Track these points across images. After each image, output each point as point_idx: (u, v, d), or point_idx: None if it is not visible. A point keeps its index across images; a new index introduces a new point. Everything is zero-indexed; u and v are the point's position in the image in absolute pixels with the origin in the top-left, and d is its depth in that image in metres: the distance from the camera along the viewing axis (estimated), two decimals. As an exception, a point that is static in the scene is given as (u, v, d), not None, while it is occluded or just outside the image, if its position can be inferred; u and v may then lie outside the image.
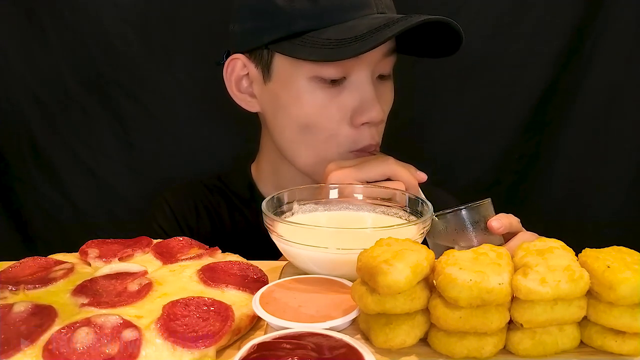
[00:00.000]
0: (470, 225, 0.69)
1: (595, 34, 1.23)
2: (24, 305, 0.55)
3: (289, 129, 0.87)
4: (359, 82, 0.83)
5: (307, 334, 0.48)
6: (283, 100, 0.86)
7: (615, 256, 0.49)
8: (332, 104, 0.83)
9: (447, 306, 0.47)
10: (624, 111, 1.27)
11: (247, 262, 0.67)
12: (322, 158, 0.84)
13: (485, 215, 0.70)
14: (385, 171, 0.76)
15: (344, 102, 0.83)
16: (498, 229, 0.69)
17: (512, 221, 0.71)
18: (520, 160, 1.31)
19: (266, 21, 0.83)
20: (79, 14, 1.18)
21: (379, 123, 0.86)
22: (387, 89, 0.90)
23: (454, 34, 0.80)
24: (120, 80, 1.23)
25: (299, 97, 0.84)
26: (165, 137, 1.26)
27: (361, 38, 0.76)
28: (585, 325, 0.49)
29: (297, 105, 0.84)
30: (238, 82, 0.91)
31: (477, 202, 0.70)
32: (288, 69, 0.84)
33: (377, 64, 0.85)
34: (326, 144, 0.85)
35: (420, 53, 0.91)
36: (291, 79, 0.84)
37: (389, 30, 0.75)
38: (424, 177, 0.78)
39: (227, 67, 0.90)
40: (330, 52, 0.77)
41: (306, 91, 0.83)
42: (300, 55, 0.80)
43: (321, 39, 0.79)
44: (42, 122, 1.24)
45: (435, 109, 1.29)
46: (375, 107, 0.83)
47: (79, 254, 0.69)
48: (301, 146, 0.87)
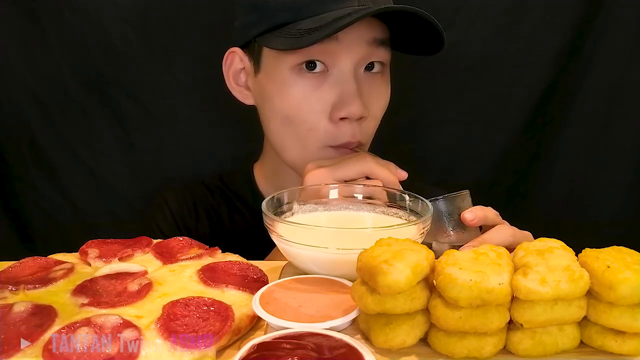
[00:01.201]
0: (445, 215, 0.69)
1: (595, 34, 1.23)
2: (24, 305, 0.55)
3: (274, 121, 0.87)
4: (340, 75, 0.82)
5: (307, 334, 0.48)
6: (268, 91, 0.86)
7: (615, 256, 0.49)
8: (313, 96, 0.83)
9: (447, 306, 0.47)
10: (624, 111, 1.27)
11: (247, 262, 0.67)
12: (305, 151, 0.85)
13: (461, 207, 0.70)
14: (363, 170, 0.76)
15: (324, 95, 0.83)
16: (471, 221, 0.69)
17: (487, 214, 0.70)
18: (520, 160, 1.31)
19: (255, 15, 0.84)
20: (79, 14, 1.19)
21: (358, 118, 0.83)
22: (378, 83, 0.87)
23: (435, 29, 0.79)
24: (120, 80, 1.23)
25: (282, 88, 0.84)
26: (165, 137, 1.26)
27: (322, 27, 0.76)
28: (585, 325, 0.49)
29: (280, 96, 0.85)
30: (235, 76, 0.92)
31: (454, 193, 0.70)
32: (272, 60, 0.85)
33: (362, 56, 0.83)
34: (307, 137, 0.85)
35: (414, 50, 0.89)
36: (275, 70, 0.85)
37: (348, 17, 0.75)
38: (405, 175, 0.77)
39: (226, 60, 0.92)
40: (294, 41, 0.78)
41: (288, 82, 0.83)
42: (272, 44, 0.81)
43: (294, 29, 0.79)
44: (42, 122, 1.24)
45: (435, 109, 1.29)
46: (355, 102, 0.81)
47: (79, 254, 0.69)
48: (285, 139, 0.87)
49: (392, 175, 0.76)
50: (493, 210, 0.71)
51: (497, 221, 0.72)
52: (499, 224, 0.71)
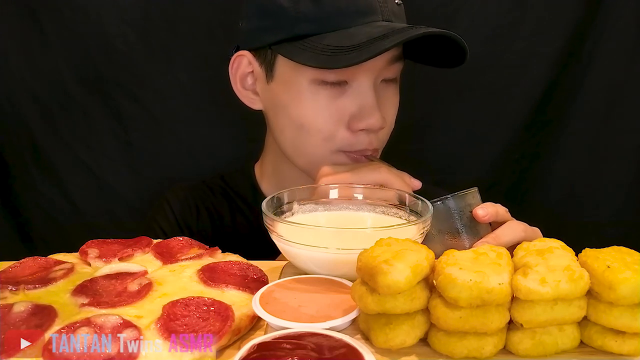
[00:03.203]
0: (456, 213, 0.69)
1: (595, 33, 1.23)
2: (24, 305, 0.55)
3: (289, 129, 0.87)
4: (360, 88, 0.83)
5: (307, 334, 0.48)
6: (284, 100, 0.86)
7: (615, 256, 0.49)
8: (332, 107, 0.83)
9: (447, 306, 0.47)
10: (624, 111, 1.27)
11: (247, 262, 0.67)
12: (319, 158, 0.84)
13: (471, 204, 0.70)
14: (377, 179, 0.76)
15: (344, 106, 0.83)
16: (483, 217, 0.69)
17: (498, 210, 0.71)
18: (520, 160, 1.31)
19: (271, 21, 0.83)
20: (79, 14, 1.19)
21: (378, 130, 0.85)
22: (392, 92, 0.89)
23: (457, 45, 0.80)
24: (120, 80, 1.23)
25: (299, 98, 0.84)
26: (165, 137, 1.26)
27: (358, 47, 0.75)
28: (585, 325, 0.49)
29: (297, 106, 0.84)
30: (243, 79, 0.91)
31: (464, 191, 0.70)
32: (290, 71, 0.84)
33: (381, 71, 0.84)
34: (323, 145, 0.85)
35: (427, 61, 0.90)
36: (293, 81, 0.84)
37: (388, 41, 0.75)
38: (418, 184, 0.77)
39: (233, 63, 0.90)
40: (327, 59, 0.77)
41: (307, 93, 0.83)
42: (299, 59, 0.80)
43: (321, 44, 0.78)
44: (42, 122, 1.24)
45: (436, 109, 1.29)
46: (375, 115, 0.82)
47: (79, 254, 0.69)
48: (300, 146, 0.87)
49: (406, 185, 0.76)
50: (502, 206, 0.72)
51: (507, 217, 0.72)
52: (510, 220, 0.71)
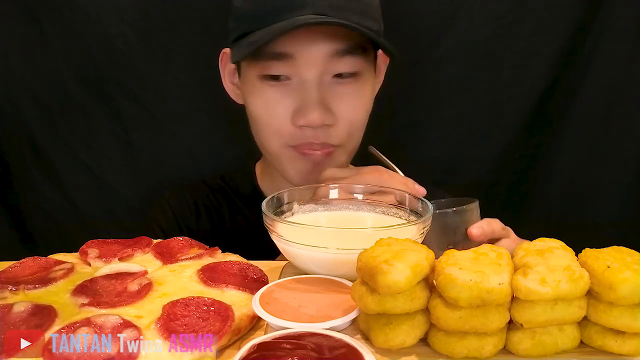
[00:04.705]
0: (451, 229, 0.69)
1: (595, 33, 1.23)
2: (24, 305, 0.55)
3: (251, 124, 0.91)
4: (300, 83, 0.84)
5: (307, 334, 0.48)
6: (244, 96, 0.91)
7: (615, 256, 0.49)
8: (277, 103, 0.85)
9: (447, 306, 0.47)
10: (624, 111, 1.27)
11: (247, 262, 0.67)
12: (274, 153, 0.89)
13: (468, 221, 0.69)
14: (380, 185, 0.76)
15: (287, 102, 0.85)
16: (477, 237, 0.69)
17: (494, 228, 0.71)
18: (520, 160, 1.31)
19: (232, 21, 0.88)
20: (79, 14, 1.18)
21: (318, 127, 0.83)
22: (349, 90, 0.86)
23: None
24: (120, 80, 1.23)
25: (252, 93, 0.88)
26: (165, 137, 1.26)
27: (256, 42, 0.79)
28: (585, 325, 0.49)
29: (251, 101, 0.89)
30: (230, 75, 0.96)
31: (463, 207, 0.69)
32: (245, 67, 0.88)
33: (325, 66, 0.83)
34: (274, 140, 0.88)
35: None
36: (247, 77, 0.88)
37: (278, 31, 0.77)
38: (423, 191, 0.77)
39: (221, 60, 0.96)
40: (238, 54, 0.84)
41: (256, 88, 0.86)
42: (232, 55, 0.88)
43: (247, 41, 0.82)
44: (42, 122, 1.24)
45: (436, 109, 1.29)
46: (314, 111, 0.82)
47: (79, 254, 0.69)
48: (260, 141, 0.92)
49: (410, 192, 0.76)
50: (499, 222, 0.72)
51: (503, 234, 0.72)
52: (505, 238, 0.71)
